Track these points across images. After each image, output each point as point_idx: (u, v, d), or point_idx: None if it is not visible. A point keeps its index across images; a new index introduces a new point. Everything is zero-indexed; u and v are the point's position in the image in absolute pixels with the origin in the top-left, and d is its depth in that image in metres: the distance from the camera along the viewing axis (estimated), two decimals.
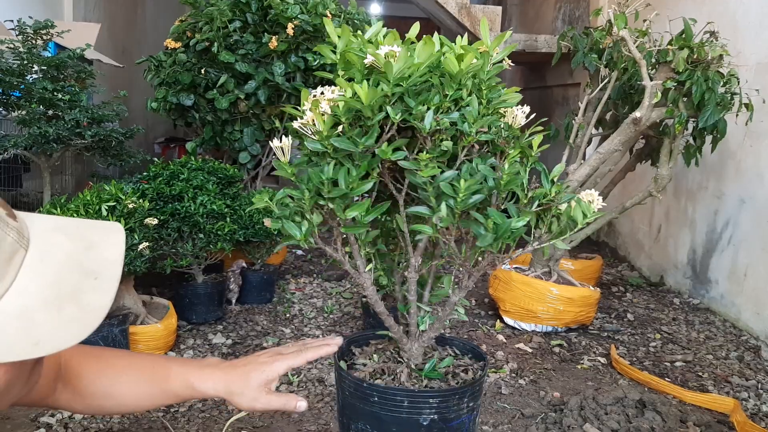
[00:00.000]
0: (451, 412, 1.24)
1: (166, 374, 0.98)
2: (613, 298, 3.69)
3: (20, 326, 0.57)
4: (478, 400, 1.37)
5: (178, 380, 0.97)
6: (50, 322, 0.58)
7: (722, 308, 3.42)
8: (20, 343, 0.56)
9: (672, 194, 3.96)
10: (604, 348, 2.91)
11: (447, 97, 1.00)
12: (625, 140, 2.95)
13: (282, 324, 3.11)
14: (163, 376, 0.97)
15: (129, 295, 2.66)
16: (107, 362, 0.98)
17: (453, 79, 0.99)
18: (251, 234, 3.08)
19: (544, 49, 5.37)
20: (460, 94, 0.99)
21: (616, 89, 3.22)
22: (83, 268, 0.62)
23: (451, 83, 0.99)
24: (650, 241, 4.29)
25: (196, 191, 2.90)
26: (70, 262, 0.62)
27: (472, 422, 1.36)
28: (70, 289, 0.61)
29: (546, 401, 2.34)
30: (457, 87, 0.99)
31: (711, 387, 2.53)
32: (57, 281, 0.60)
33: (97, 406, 0.99)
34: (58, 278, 0.61)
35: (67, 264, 0.62)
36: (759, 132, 3.15)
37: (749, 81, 3.02)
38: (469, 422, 1.34)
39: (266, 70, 3.55)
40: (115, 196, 2.45)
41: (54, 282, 0.60)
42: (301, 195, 1.02)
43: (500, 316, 3.16)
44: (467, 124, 0.99)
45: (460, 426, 1.31)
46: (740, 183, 3.34)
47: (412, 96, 0.99)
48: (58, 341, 0.58)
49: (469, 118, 0.99)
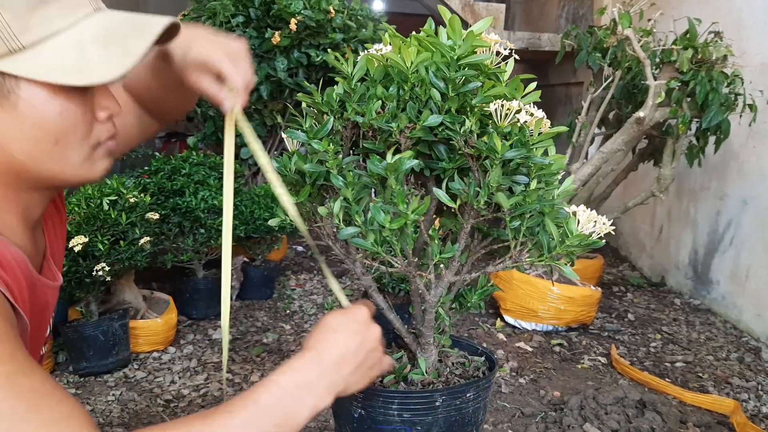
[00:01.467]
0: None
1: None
2: (613, 298, 3.69)
3: (72, 55, 0.68)
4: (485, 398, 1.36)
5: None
6: (96, 56, 0.69)
7: (723, 309, 3.41)
8: (69, 68, 0.68)
9: (674, 194, 3.95)
10: (605, 348, 2.90)
11: (404, 92, 0.99)
12: (628, 140, 2.94)
13: (282, 320, 3.10)
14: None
15: (129, 289, 2.66)
16: None
17: (404, 75, 0.98)
18: (252, 230, 3.08)
19: (548, 48, 5.36)
20: (414, 91, 0.98)
21: (619, 89, 3.21)
22: (133, 24, 0.74)
23: (406, 81, 0.99)
24: (652, 241, 4.28)
25: (197, 186, 2.89)
26: (124, 20, 0.74)
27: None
28: (119, 35, 0.72)
29: (546, 400, 2.33)
30: (413, 81, 0.99)
31: (711, 388, 2.53)
32: (110, 28, 0.72)
33: None
34: (112, 28, 0.72)
35: (122, 21, 0.74)
36: (762, 133, 3.14)
37: (753, 81, 3.01)
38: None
39: (269, 66, 3.54)
40: (116, 190, 2.44)
41: (107, 28, 0.72)
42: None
43: (501, 315, 3.16)
44: (396, 123, 0.98)
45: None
46: (743, 184, 3.33)
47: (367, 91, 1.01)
48: (98, 73, 0.69)
49: (400, 116, 0.98)
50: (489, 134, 0.95)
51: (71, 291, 2.36)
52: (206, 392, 2.33)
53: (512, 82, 1.02)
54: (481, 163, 0.98)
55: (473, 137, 0.96)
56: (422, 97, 0.99)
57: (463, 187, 0.98)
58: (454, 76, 0.97)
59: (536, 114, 0.95)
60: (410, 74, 0.99)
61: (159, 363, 2.58)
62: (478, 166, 0.99)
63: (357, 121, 1.01)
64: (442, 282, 1.13)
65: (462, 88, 0.98)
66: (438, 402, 1.13)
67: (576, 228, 0.94)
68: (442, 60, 0.97)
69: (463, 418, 1.18)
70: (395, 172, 0.95)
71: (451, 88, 0.97)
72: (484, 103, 0.97)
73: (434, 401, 1.12)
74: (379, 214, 0.97)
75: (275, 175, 0.91)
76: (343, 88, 1.02)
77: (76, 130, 0.74)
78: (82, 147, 0.75)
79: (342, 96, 1.03)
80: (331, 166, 1.00)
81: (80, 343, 2.41)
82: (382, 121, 0.98)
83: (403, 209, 0.96)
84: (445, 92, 0.98)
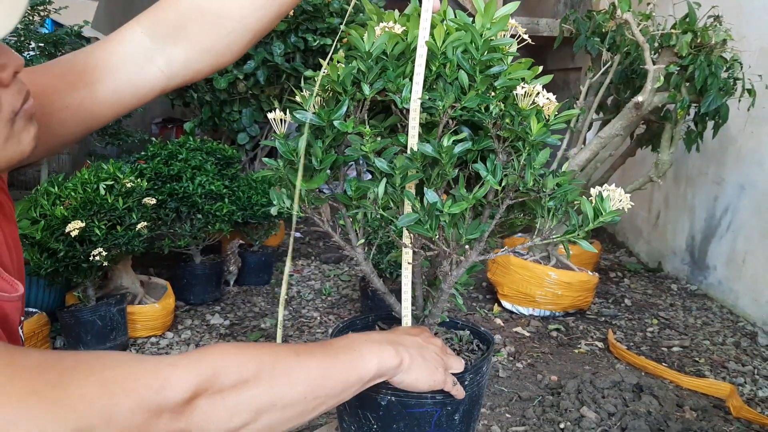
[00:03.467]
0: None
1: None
2: (610, 284, 3.69)
3: None
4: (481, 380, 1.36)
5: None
6: None
7: (720, 294, 3.42)
8: None
9: (672, 180, 3.95)
10: (602, 333, 2.91)
11: (432, 71, 0.98)
12: (626, 125, 2.93)
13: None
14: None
15: (127, 274, 2.65)
16: None
17: (434, 54, 0.98)
18: (249, 215, 3.07)
19: (546, 33, 5.33)
20: (442, 68, 0.98)
21: (618, 73, 3.19)
22: None
23: (434, 59, 0.98)
24: (649, 227, 4.28)
25: (194, 171, 2.88)
26: None
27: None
28: None
29: (543, 384, 2.34)
30: (441, 62, 0.98)
31: (708, 372, 2.54)
32: None
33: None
34: None
35: None
36: (760, 118, 3.13)
37: (752, 66, 3.00)
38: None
39: (265, 50, 3.52)
40: (113, 175, 2.43)
41: None
42: (278, 164, 1.04)
43: (498, 300, 3.16)
44: (438, 100, 0.97)
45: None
46: (740, 169, 3.32)
47: (393, 69, 0.99)
48: None
49: (440, 93, 0.98)
50: (511, 117, 0.95)
51: (68, 276, 2.35)
52: None
53: (525, 63, 1.02)
54: (510, 144, 0.98)
55: (501, 120, 0.96)
56: (448, 78, 0.98)
57: (501, 170, 0.99)
58: (484, 58, 0.96)
59: (551, 97, 0.95)
60: (438, 54, 0.98)
61: (157, 348, 2.58)
62: (504, 148, 0.99)
63: (394, 100, 0.99)
64: (467, 262, 1.12)
65: (488, 70, 0.97)
66: (467, 381, 1.14)
67: (610, 206, 0.95)
68: (471, 42, 0.97)
69: (480, 391, 1.20)
70: (449, 155, 0.95)
71: (478, 71, 0.97)
72: (507, 86, 0.98)
73: (464, 380, 1.13)
74: (435, 197, 0.97)
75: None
76: (359, 66, 1.00)
77: None
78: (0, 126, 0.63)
79: (356, 75, 1.01)
80: (369, 150, 0.99)
81: (78, 328, 2.41)
82: (428, 100, 0.97)
83: (465, 193, 0.96)
84: (472, 74, 0.97)
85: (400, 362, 0.87)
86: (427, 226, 0.99)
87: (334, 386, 0.77)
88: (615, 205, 0.96)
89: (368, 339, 0.87)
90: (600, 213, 0.95)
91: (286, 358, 0.73)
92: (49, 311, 2.50)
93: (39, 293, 2.54)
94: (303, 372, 0.73)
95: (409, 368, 0.89)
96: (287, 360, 0.73)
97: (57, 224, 2.24)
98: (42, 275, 2.28)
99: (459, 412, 1.17)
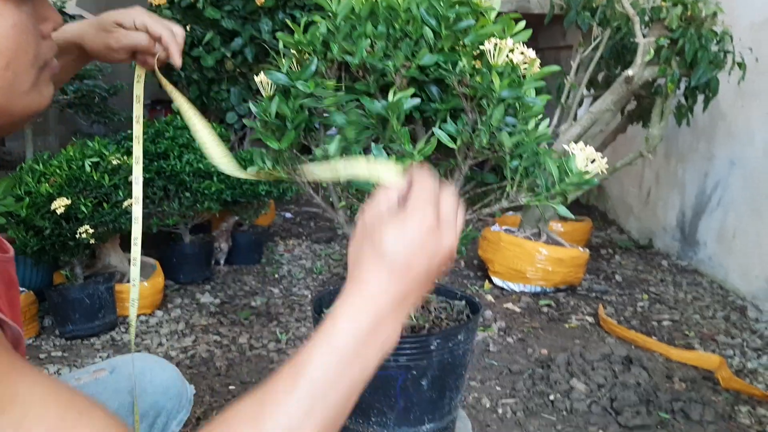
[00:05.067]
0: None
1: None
2: (601, 260, 3.70)
3: None
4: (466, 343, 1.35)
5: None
6: None
7: (710, 270, 3.43)
8: None
9: (662, 157, 3.94)
10: (592, 308, 2.92)
11: (396, 29, 0.96)
12: (617, 100, 2.92)
13: (270, 284, 3.09)
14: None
15: (115, 253, 2.64)
16: None
17: (397, 12, 0.95)
18: (239, 194, 3.05)
19: (537, 11, 5.29)
20: (406, 28, 0.95)
21: (608, 48, 3.17)
22: None
23: (397, 17, 0.95)
24: (640, 203, 4.28)
25: (182, 150, 2.85)
26: None
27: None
28: None
29: (533, 358, 2.35)
30: (405, 19, 0.95)
31: (697, 345, 2.55)
32: None
33: None
34: None
35: None
36: (750, 92, 3.12)
37: (742, 39, 2.98)
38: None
39: (253, 27, 3.47)
40: (98, 152, 2.40)
41: None
42: (256, 125, 1.04)
43: (489, 277, 3.16)
44: (392, 61, 0.95)
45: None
46: (731, 144, 3.32)
47: (361, 29, 0.97)
48: None
49: (396, 54, 0.95)
50: (482, 74, 0.92)
51: (55, 254, 2.33)
52: (194, 354, 2.32)
53: (502, 20, 0.99)
54: (476, 102, 0.95)
55: (467, 77, 0.93)
56: (413, 35, 0.96)
57: (458, 128, 0.96)
58: (448, 14, 0.94)
59: (527, 53, 0.92)
60: (402, 11, 0.95)
61: (146, 326, 2.57)
62: (472, 106, 0.96)
63: (347, 61, 0.98)
64: None
65: (455, 26, 0.95)
66: (433, 346, 1.12)
67: (575, 166, 0.91)
68: None
69: (454, 360, 1.18)
70: (396, 112, 0.92)
71: (444, 26, 0.94)
72: (477, 42, 0.95)
73: (429, 345, 1.11)
74: (383, 154, 0.94)
75: (198, 118, 0.89)
76: (327, 26, 0.98)
77: (28, 49, 0.64)
78: (31, 69, 0.66)
79: (325, 36, 0.99)
80: (330, 104, 0.96)
81: (66, 307, 2.39)
82: (376, 60, 0.95)
83: (409, 149, 0.93)
84: (437, 30, 0.94)
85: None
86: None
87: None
88: (588, 167, 0.93)
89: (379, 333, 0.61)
90: (566, 174, 0.92)
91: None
92: (37, 290, 2.48)
93: (27, 272, 2.52)
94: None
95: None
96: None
97: (42, 202, 2.22)
98: (28, 254, 2.26)
99: (426, 378, 1.16)
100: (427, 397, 1.19)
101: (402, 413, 1.23)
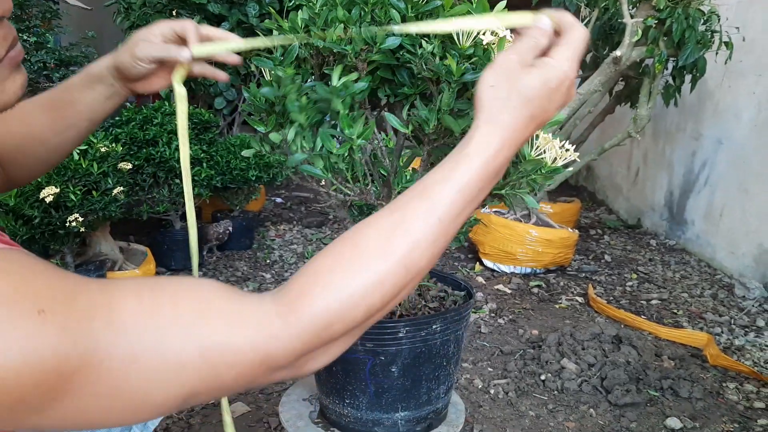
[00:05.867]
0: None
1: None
2: (591, 241, 3.73)
3: None
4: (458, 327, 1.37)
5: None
6: None
7: (698, 248, 3.47)
8: None
9: (650, 136, 3.96)
10: (582, 288, 2.95)
11: (366, 13, 0.95)
12: (605, 80, 2.92)
13: (262, 269, 3.10)
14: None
15: (105, 241, 2.63)
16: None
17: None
18: (228, 180, 3.04)
19: None
20: (374, 12, 0.95)
21: (596, 29, 3.17)
22: None
23: (368, 2, 0.95)
24: (628, 184, 4.31)
25: (170, 136, 2.84)
26: None
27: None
28: None
29: (525, 339, 2.37)
30: (373, 2, 0.95)
31: (685, 323, 2.58)
32: None
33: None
34: None
35: None
36: (737, 72, 3.14)
37: (730, 19, 2.99)
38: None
39: (240, 11, 3.45)
40: (86, 139, 2.38)
41: None
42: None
43: (480, 259, 3.18)
44: (351, 46, 0.95)
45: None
46: (718, 124, 3.34)
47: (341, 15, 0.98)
48: None
49: (355, 39, 0.94)
50: (442, 56, 0.91)
51: (45, 243, 2.32)
52: None
53: (479, 2, 0.98)
54: (440, 87, 0.95)
55: (432, 60, 0.92)
56: (382, 19, 0.95)
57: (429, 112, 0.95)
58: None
59: (502, 34, 0.89)
60: None
61: None
62: (439, 90, 0.95)
63: (318, 46, 0.97)
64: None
65: (423, 8, 0.94)
66: (401, 333, 1.13)
67: (529, 152, 0.90)
68: None
69: (430, 350, 1.18)
70: (340, 96, 0.91)
71: (410, 8, 0.93)
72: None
73: (397, 332, 1.12)
74: (328, 139, 0.94)
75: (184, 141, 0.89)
76: (308, 12, 0.98)
77: None
78: None
79: (307, 21, 0.99)
80: (289, 91, 0.96)
81: None
82: (337, 45, 0.94)
83: (349, 134, 0.93)
84: (405, 13, 0.94)
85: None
86: (321, 167, 0.97)
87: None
88: (549, 155, 0.92)
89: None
90: (519, 160, 0.91)
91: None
92: None
93: None
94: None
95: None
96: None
97: (31, 190, 2.20)
98: (18, 243, 2.24)
99: (396, 365, 1.16)
100: (398, 385, 1.20)
101: (374, 398, 1.23)
